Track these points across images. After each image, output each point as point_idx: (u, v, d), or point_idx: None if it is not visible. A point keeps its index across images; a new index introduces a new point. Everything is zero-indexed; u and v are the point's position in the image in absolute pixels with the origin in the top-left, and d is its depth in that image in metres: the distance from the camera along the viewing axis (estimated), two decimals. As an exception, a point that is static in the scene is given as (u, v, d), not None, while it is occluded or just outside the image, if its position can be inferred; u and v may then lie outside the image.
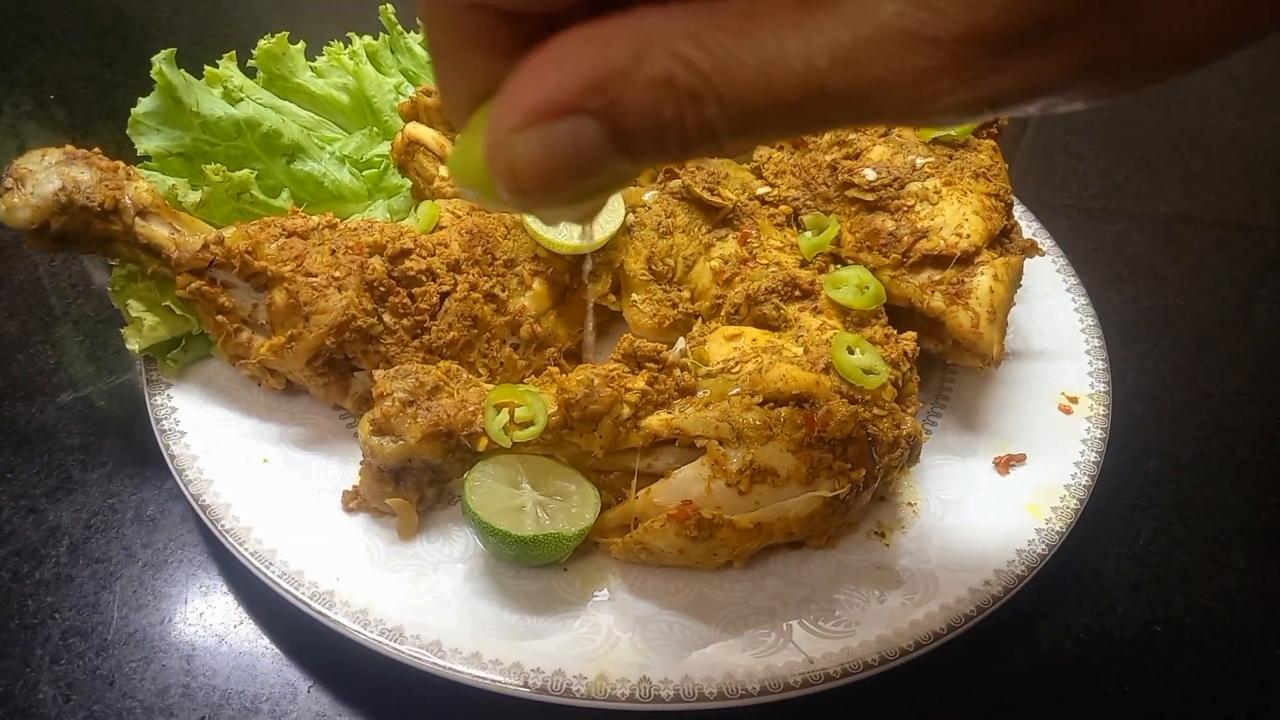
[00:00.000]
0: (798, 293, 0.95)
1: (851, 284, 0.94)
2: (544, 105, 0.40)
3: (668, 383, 0.87)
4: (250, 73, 1.22)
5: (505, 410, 0.83)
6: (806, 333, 0.91)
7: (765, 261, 0.98)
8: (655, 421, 0.85)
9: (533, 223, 0.98)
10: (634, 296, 1.01)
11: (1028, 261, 1.01)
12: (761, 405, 0.85)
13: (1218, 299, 1.28)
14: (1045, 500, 0.92)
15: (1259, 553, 0.99)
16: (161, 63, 1.04)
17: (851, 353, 0.87)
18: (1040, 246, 1.01)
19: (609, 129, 0.40)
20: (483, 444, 0.83)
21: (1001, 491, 0.94)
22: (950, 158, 1.01)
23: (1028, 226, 1.22)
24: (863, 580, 0.86)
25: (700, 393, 0.88)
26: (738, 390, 0.87)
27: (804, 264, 0.99)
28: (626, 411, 0.84)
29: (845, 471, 0.83)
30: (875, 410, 0.86)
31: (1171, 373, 1.17)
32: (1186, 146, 1.57)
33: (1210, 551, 0.99)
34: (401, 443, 0.83)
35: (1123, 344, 1.18)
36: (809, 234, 1.02)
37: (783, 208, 1.04)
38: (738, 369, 0.88)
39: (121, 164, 0.95)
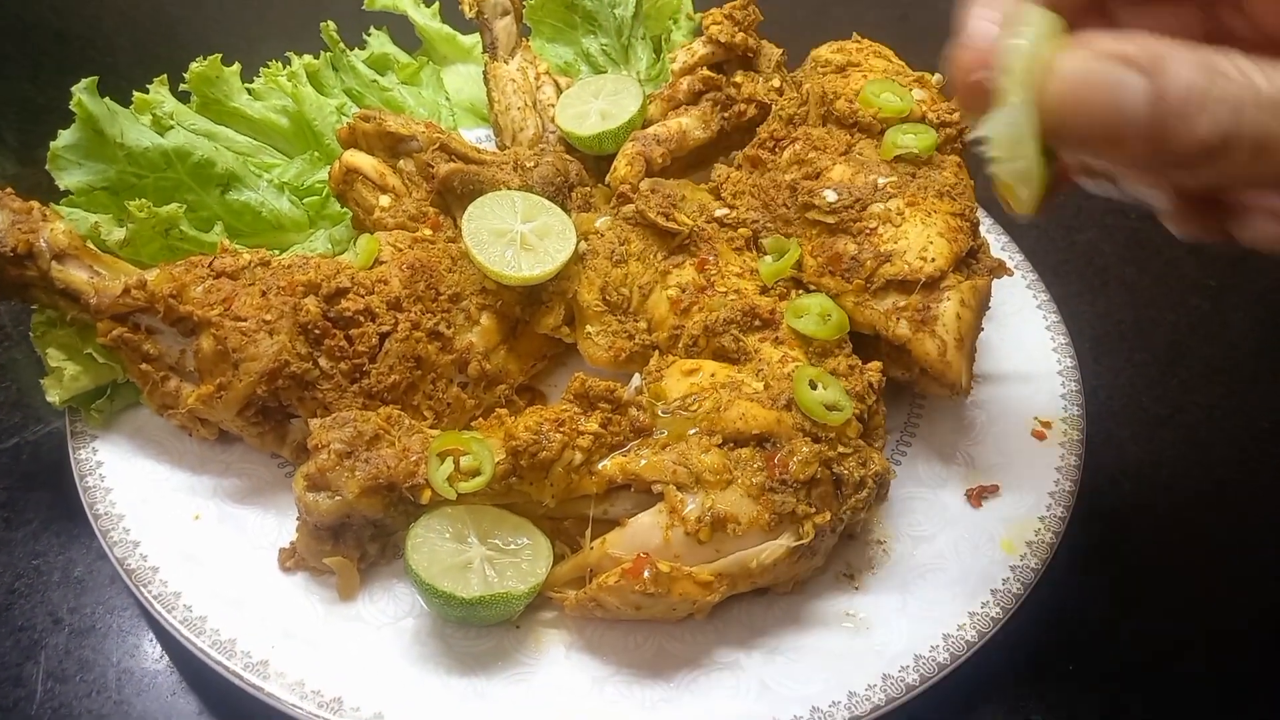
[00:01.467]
0: (757, 322, 0.91)
1: (814, 313, 0.90)
2: (1113, 49, 0.48)
3: (622, 423, 0.83)
4: (185, 97, 1.16)
5: (450, 459, 0.79)
6: (767, 366, 0.87)
7: (724, 289, 0.94)
8: (610, 467, 0.81)
9: (478, 253, 0.93)
10: (588, 328, 0.97)
11: (997, 279, 0.97)
12: (721, 446, 0.81)
13: (1189, 308, 1.25)
14: (1020, 534, 0.88)
15: (1238, 576, 0.96)
16: (81, 93, 0.98)
17: (814, 388, 0.83)
18: (1008, 266, 0.97)
19: (1154, 86, 0.47)
20: (426, 496, 0.78)
21: (974, 526, 0.90)
22: (913, 176, 0.97)
23: (996, 240, 1.18)
24: (831, 627, 0.82)
25: (657, 433, 0.84)
26: (695, 430, 0.83)
27: (764, 290, 0.95)
28: (579, 457, 0.80)
29: (809, 516, 0.79)
30: (840, 448, 0.81)
31: (1146, 388, 1.13)
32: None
33: (1191, 578, 0.96)
34: (339, 498, 0.78)
35: (1095, 359, 1.14)
36: (769, 258, 0.97)
37: (742, 230, 1.00)
38: (695, 407, 0.84)
39: (36, 204, 0.89)
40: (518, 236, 0.95)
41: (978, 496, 0.92)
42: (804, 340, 0.90)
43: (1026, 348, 1.05)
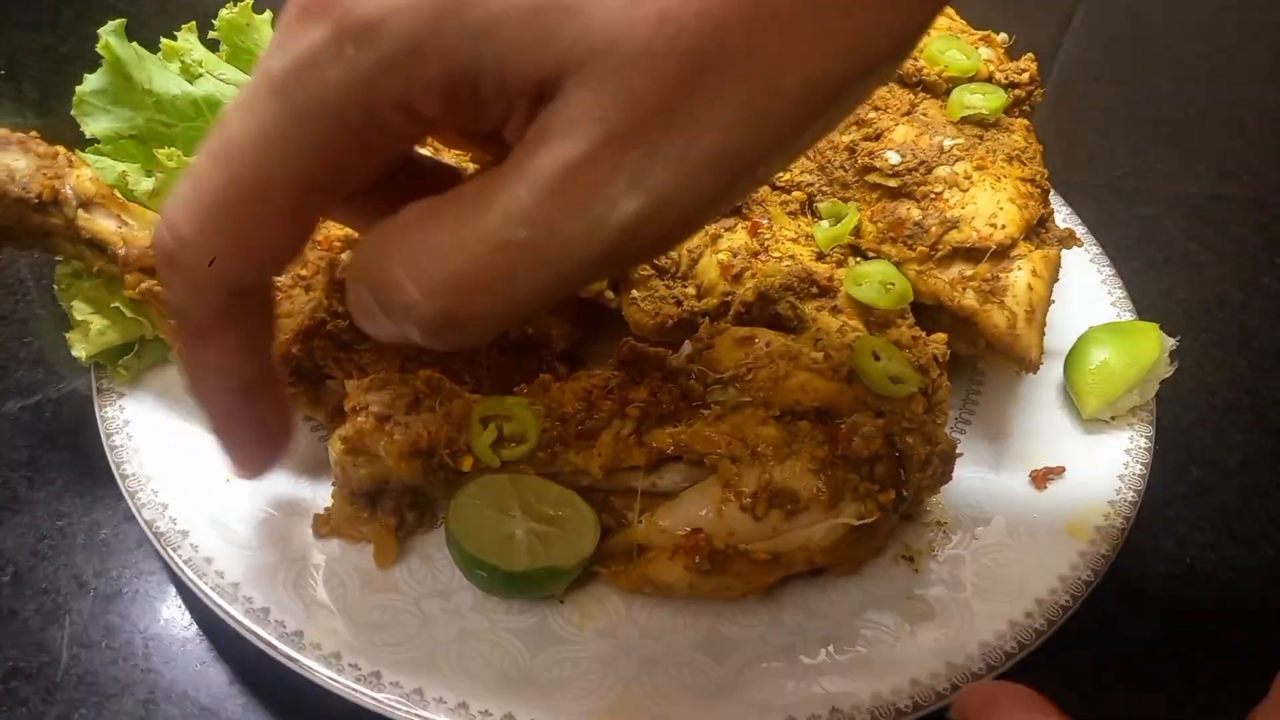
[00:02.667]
0: (815, 289, 0.86)
1: (875, 280, 0.85)
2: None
3: (673, 392, 0.79)
4: (213, 45, 1.12)
5: (493, 425, 0.75)
6: (826, 335, 0.82)
7: (778, 254, 0.89)
8: (660, 437, 0.76)
9: None
10: (633, 293, 0.92)
11: (1066, 250, 0.92)
12: (778, 419, 0.77)
13: (1259, 288, 1.19)
14: (1088, 519, 0.84)
15: (1314, 569, 0.92)
16: (109, 35, 0.94)
17: (877, 358, 0.78)
18: (1079, 237, 0.92)
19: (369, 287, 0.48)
20: (468, 463, 0.75)
21: (1039, 509, 0.85)
22: (980, 139, 0.92)
23: (1057, 211, 1.12)
24: (891, 612, 0.78)
25: (710, 403, 0.79)
26: (751, 401, 0.78)
27: (820, 257, 0.90)
28: (628, 426, 0.76)
29: (873, 494, 0.74)
30: (904, 423, 0.77)
31: (1214, 370, 1.08)
32: (1218, 122, 1.48)
33: (1263, 567, 0.91)
34: (377, 463, 0.74)
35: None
36: (825, 223, 0.93)
37: (796, 194, 0.95)
38: (750, 376, 0.79)
39: (62, 149, 0.85)
40: None
41: (1042, 478, 0.88)
42: (863, 309, 0.85)
43: (1093, 324, 0.99)
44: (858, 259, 0.91)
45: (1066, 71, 1.58)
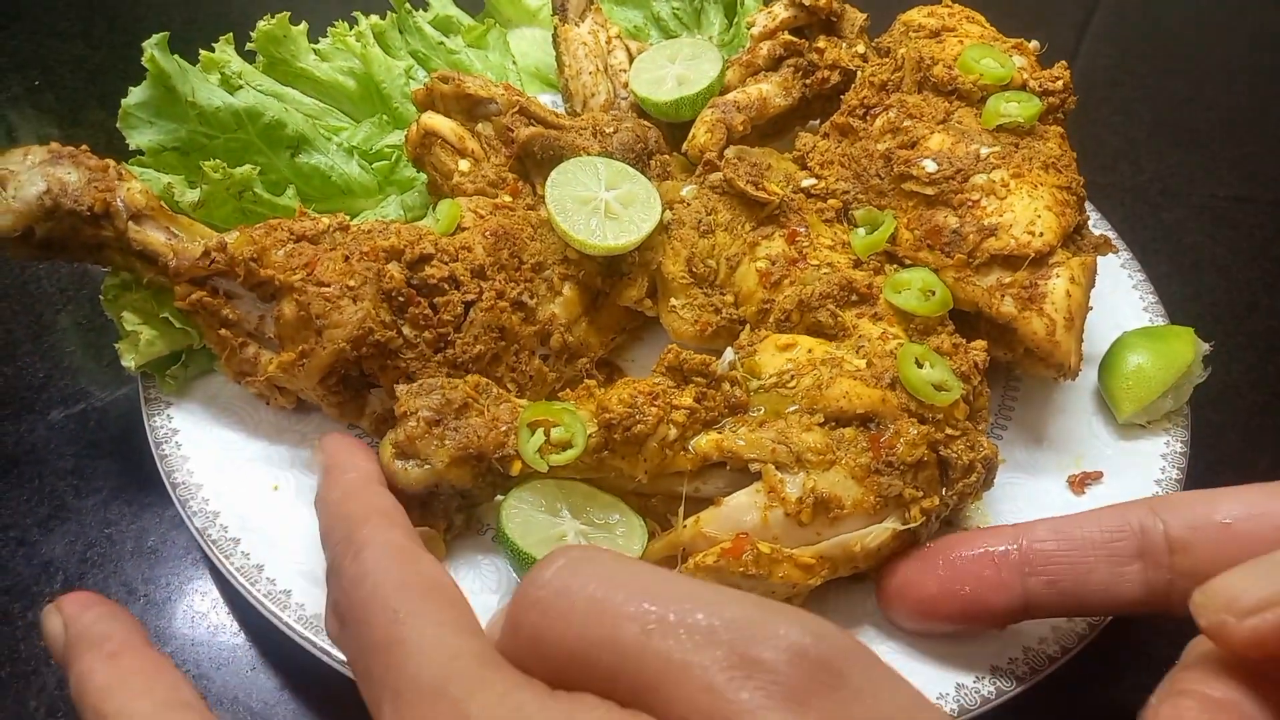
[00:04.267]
0: (854, 297, 0.87)
1: (915, 288, 0.86)
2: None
3: (716, 399, 0.80)
4: (249, 57, 1.13)
5: (540, 431, 0.76)
6: (868, 343, 0.83)
7: (816, 262, 0.90)
8: (705, 443, 0.77)
9: (562, 221, 0.89)
10: (673, 301, 0.93)
11: (1102, 256, 0.93)
12: (822, 425, 0.78)
13: (1287, 292, 1.20)
14: (1127, 523, 0.84)
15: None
16: (153, 49, 0.95)
17: (920, 366, 0.79)
18: (1113, 243, 0.93)
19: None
20: (516, 468, 0.76)
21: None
22: (1016, 147, 0.92)
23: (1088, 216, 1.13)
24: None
25: (753, 410, 0.80)
26: (795, 408, 0.79)
27: (858, 264, 0.91)
28: (674, 432, 0.76)
29: (917, 500, 0.75)
30: (948, 430, 0.78)
31: (1243, 374, 1.09)
32: (1238, 126, 1.49)
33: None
34: (428, 467, 0.75)
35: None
36: (861, 231, 0.93)
37: (831, 201, 0.96)
38: (794, 383, 0.80)
39: (112, 163, 0.86)
40: (602, 204, 0.92)
41: (1080, 483, 0.89)
42: (904, 316, 0.86)
43: (1125, 328, 1.00)
44: (895, 266, 0.92)
45: (1086, 76, 1.58)
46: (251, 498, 0.82)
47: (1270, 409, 1.06)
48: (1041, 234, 0.87)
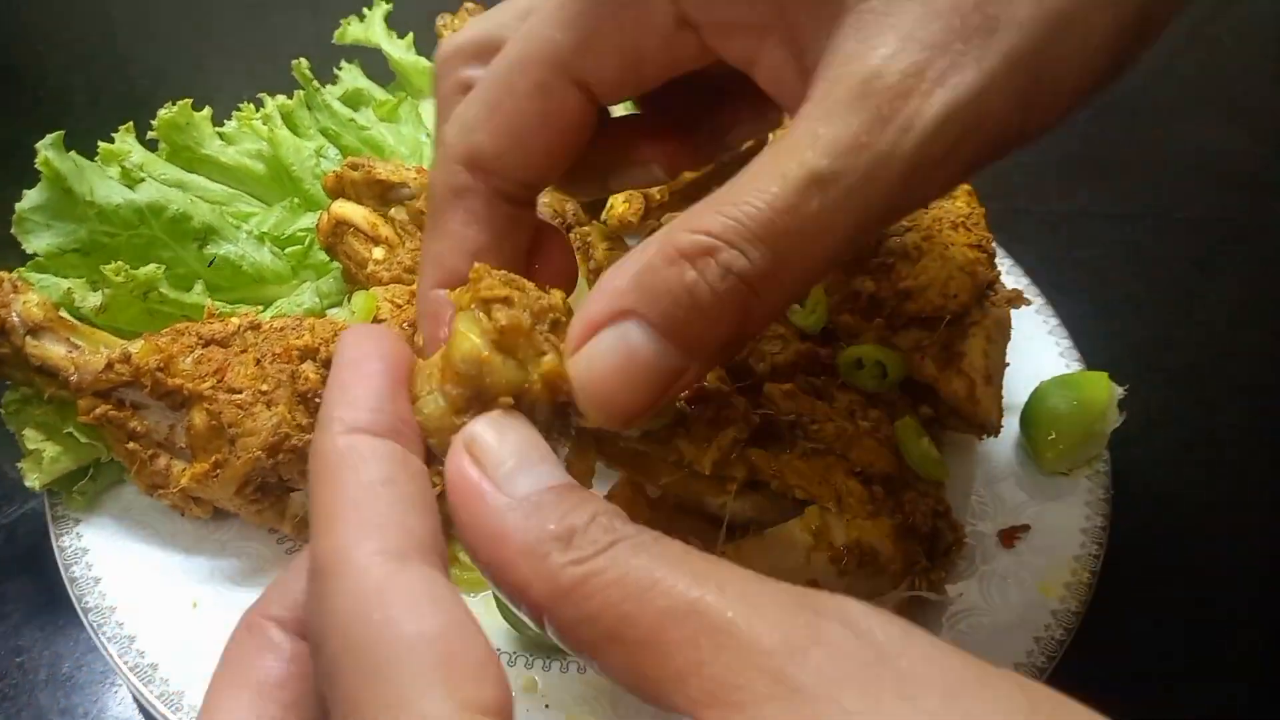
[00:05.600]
0: (818, 368, 0.86)
1: (869, 366, 0.85)
2: (589, 321, 0.44)
3: (770, 422, 0.76)
4: (152, 144, 1.10)
5: None
6: (856, 408, 0.82)
7: (769, 334, 0.89)
8: (760, 457, 0.73)
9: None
10: None
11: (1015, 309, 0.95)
12: (857, 475, 0.75)
13: (1200, 324, 1.23)
14: (1056, 576, 0.85)
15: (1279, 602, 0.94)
16: (47, 150, 0.92)
17: (919, 437, 0.79)
18: (1025, 296, 0.95)
19: (650, 321, 0.42)
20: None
21: (1010, 570, 0.87)
22: (926, 209, 0.94)
23: (1000, 262, 1.15)
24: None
25: (792, 441, 0.77)
26: (830, 451, 0.76)
27: (803, 337, 0.90)
28: (744, 433, 0.72)
29: (927, 571, 0.74)
30: (938, 506, 0.78)
31: (1163, 410, 1.11)
32: (1144, 159, 1.53)
33: (1232, 610, 0.93)
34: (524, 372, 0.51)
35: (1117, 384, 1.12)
36: (796, 305, 0.93)
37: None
38: (818, 429, 0.78)
39: (6, 276, 0.83)
40: None
41: (1009, 537, 0.89)
42: (862, 391, 0.85)
43: (1042, 376, 1.02)
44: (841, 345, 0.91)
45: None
46: (169, 617, 0.79)
47: (1193, 445, 1.08)
48: (955, 295, 0.88)
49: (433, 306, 0.54)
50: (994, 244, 0.96)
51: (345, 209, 0.97)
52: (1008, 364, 0.91)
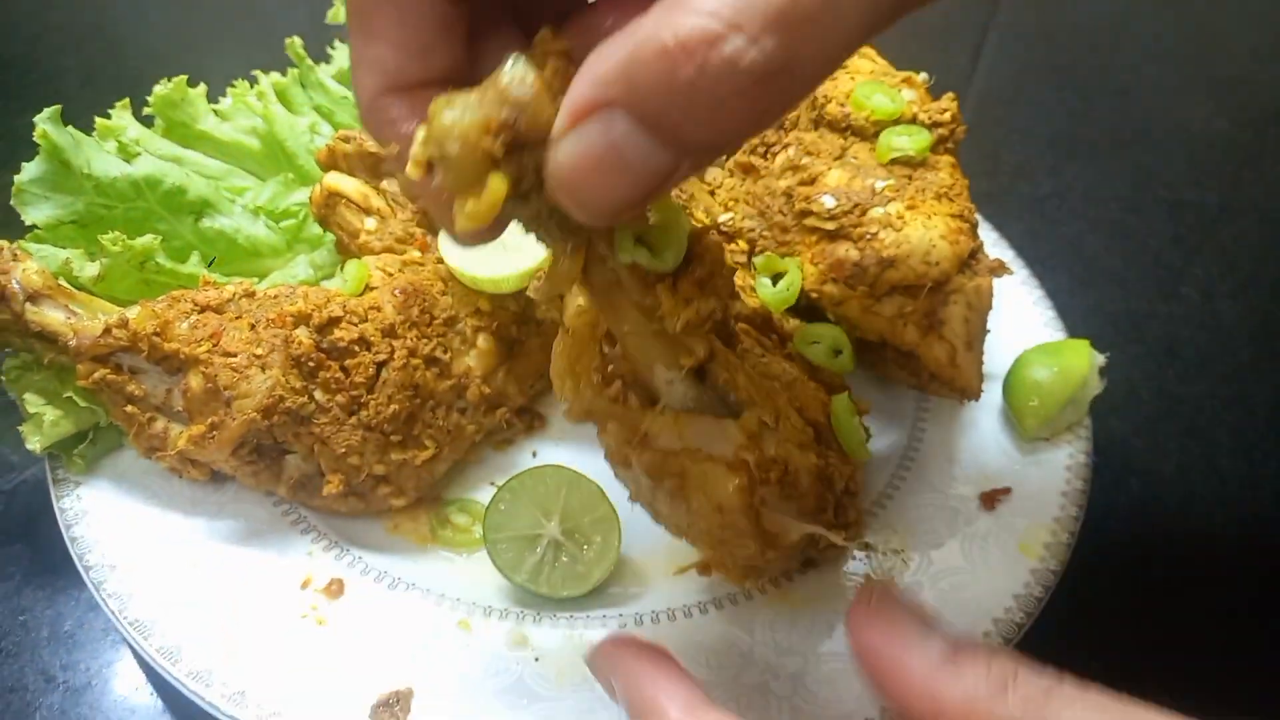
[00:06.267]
0: (774, 335, 0.88)
1: (826, 344, 0.88)
2: (573, 109, 0.40)
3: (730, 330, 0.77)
4: (148, 121, 1.12)
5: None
6: (799, 378, 0.84)
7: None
8: (721, 350, 0.70)
9: (467, 270, 0.90)
10: (579, 301, 0.90)
11: (998, 278, 0.96)
12: (799, 412, 0.77)
13: (1180, 298, 1.25)
14: (1036, 537, 0.87)
15: (1255, 569, 0.96)
16: (45, 123, 0.93)
17: (853, 416, 0.81)
18: (1008, 265, 0.96)
19: (635, 113, 0.39)
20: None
21: (990, 531, 0.89)
22: (910, 179, 0.95)
23: (986, 236, 1.17)
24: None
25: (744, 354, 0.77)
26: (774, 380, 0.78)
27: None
28: (720, 312, 0.67)
29: (835, 526, 0.77)
30: (851, 484, 0.79)
31: (1143, 381, 1.14)
32: (1129, 138, 1.55)
33: (1207, 571, 0.95)
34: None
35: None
36: (768, 281, 0.94)
37: (740, 243, 0.98)
38: (767, 360, 0.79)
39: (6, 244, 0.85)
40: (500, 243, 0.92)
41: (991, 500, 0.91)
42: (810, 366, 0.87)
43: (1027, 345, 1.04)
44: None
45: (983, 98, 1.64)
46: (169, 575, 0.81)
47: (1171, 415, 1.10)
48: (937, 263, 0.89)
49: (385, 115, 0.50)
50: (977, 215, 0.98)
51: (338, 181, 0.98)
52: (989, 331, 0.93)
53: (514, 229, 0.71)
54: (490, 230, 0.50)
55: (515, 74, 0.44)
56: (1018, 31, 1.80)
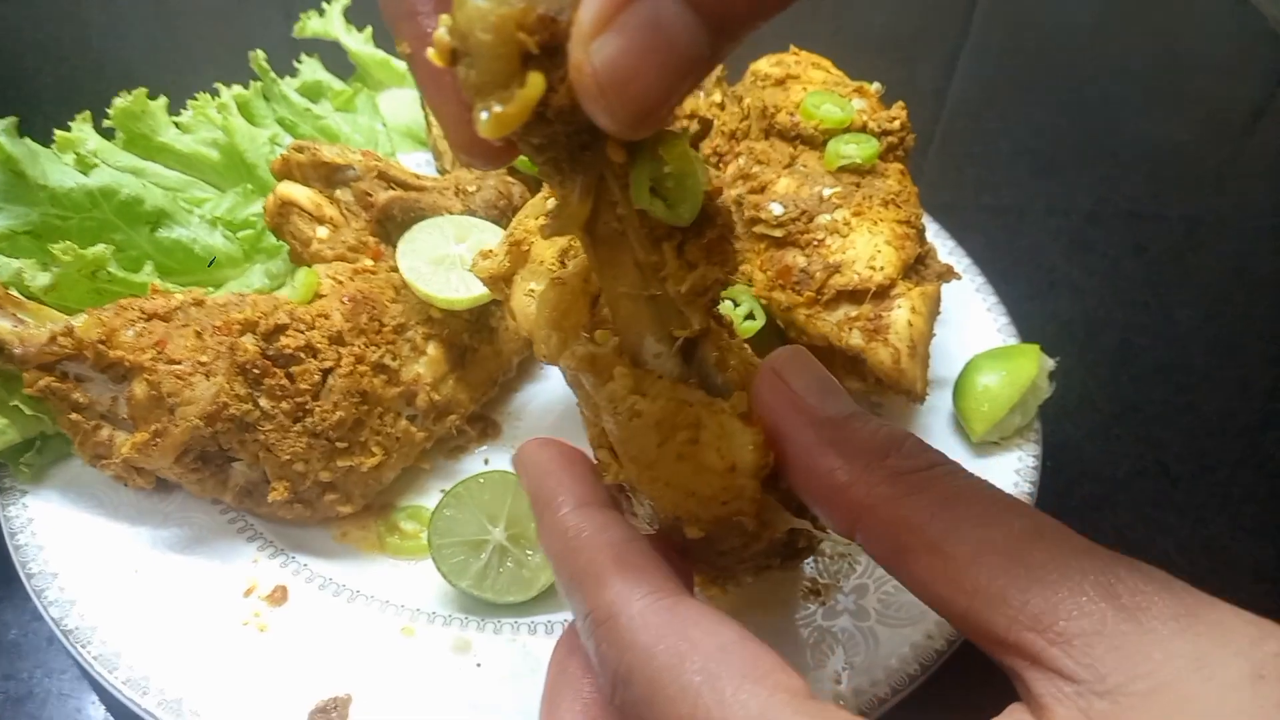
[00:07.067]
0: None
1: (742, 306, 0.90)
2: None
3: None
4: (110, 133, 1.12)
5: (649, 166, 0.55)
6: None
7: None
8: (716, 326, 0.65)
9: (420, 285, 0.90)
10: (530, 285, 0.86)
11: (946, 284, 0.97)
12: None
13: (1137, 305, 1.26)
14: (983, 540, 0.87)
15: (1200, 570, 0.96)
16: (1, 135, 0.94)
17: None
18: (956, 271, 0.97)
19: None
20: (616, 152, 0.53)
21: (937, 534, 0.89)
22: (858, 186, 0.96)
23: (943, 244, 1.18)
24: (801, 647, 0.80)
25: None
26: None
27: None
28: (723, 284, 0.63)
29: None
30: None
31: (1098, 388, 1.14)
32: (1092, 151, 1.57)
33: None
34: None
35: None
36: (740, 313, 0.95)
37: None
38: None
39: (-47, 252, 0.85)
40: (457, 259, 0.93)
41: (939, 504, 0.91)
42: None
43: (979, 351, 1.04)
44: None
45: (954, 109, 1.66)
46: (111, 582, 0.81)
47: (1124, 419, 1.11)
48: (882, 268, 0.90)
49: (404, 5, 0.47)
50: (931, 222, 0.99)
51: (290, 190, 0.99)
52: (934, 335, 0.93)
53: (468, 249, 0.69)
54: (504, 151, 0.47)
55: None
56: (988, 47, 1.82)
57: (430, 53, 0.42)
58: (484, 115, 0.42)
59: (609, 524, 0.51)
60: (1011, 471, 0.93)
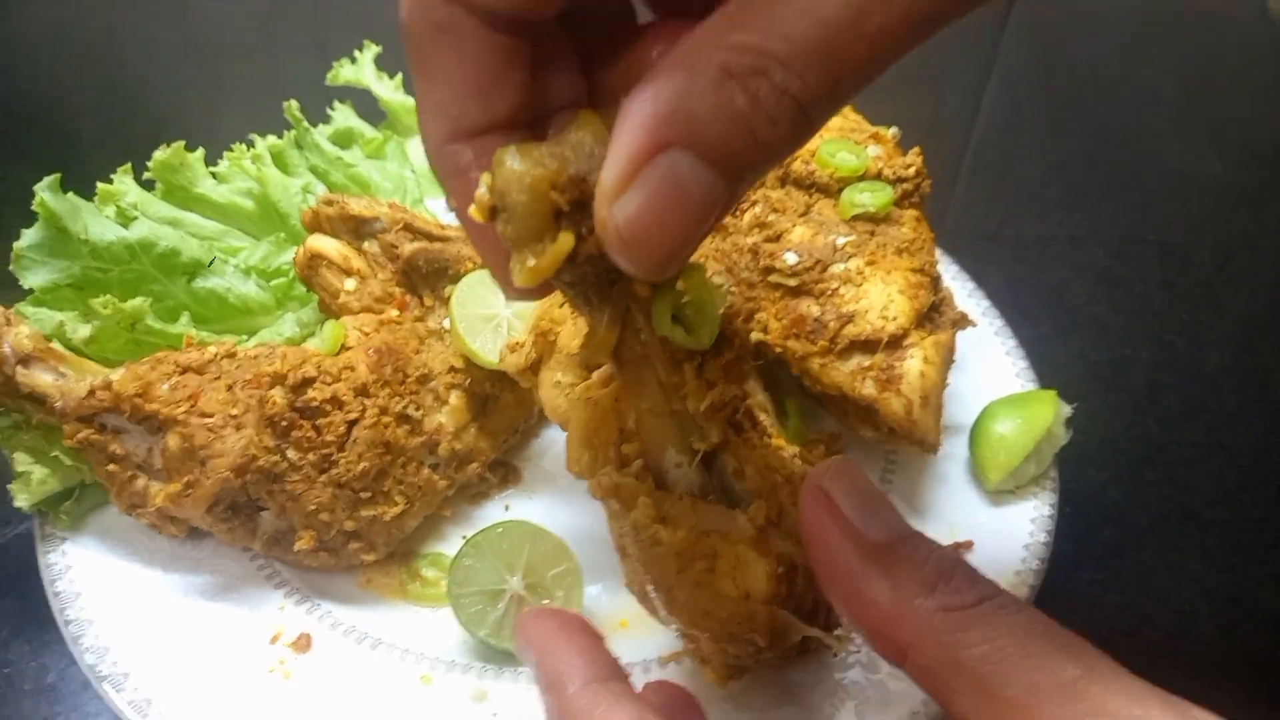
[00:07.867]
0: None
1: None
2: (632, 156, 0.40)
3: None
4: (151, 184, 1.17)
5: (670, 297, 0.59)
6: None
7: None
8: (734, 439, 0.70)
9: (470, 340, 0.93)
10: (558, 376, 0.93)
11: (961, 330, 0.98)
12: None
13: (1164, 345, 1.25)
14: (998, 590, 0.87)
15: (1226, 622, 0.95)
16: (44, 191, 0.98)
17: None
18: (970, 318, 0.98)
19: (698, 149, 0.39)
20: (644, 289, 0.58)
21: (952, 584, 0.89)
22: (872, 234, 0.97)
23: (962, 287, 1.18)
24: (811, 700, 0.81)
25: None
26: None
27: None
28: (740, 401, 0.69)
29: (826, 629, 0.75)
30: None
31: (1123, 429, 1.13)
32: (1121, 183, 1.56)
33: (1178, 624, 0.95)
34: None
35: (1069, 402, 1.14)
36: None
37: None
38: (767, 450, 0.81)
39: (1, 308, 0.89)
40: (505, 323, 0.96)
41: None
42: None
43: (996, 396, 1.04)
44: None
45: (980, 147, 1.65)
46: (145, 629, 0.84)
47: (1150, 463, 1.10)
48: (895, 317, 0.91)
49: (453, 162, 0.49)
50: (952, 266, 0.99)
51: (320, 243, 1.02)
52: (949, 383, 0.94)
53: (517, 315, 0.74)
54: (541, 288, 0.50)
55: (589, 130, 0.45)
56: (1017, 78, 1.82)
57: (472, 210, 0.46)
58: (518, 268, 0.47)
59: (616, 700, 0.53)
60: (1027, 520, 0.93)
